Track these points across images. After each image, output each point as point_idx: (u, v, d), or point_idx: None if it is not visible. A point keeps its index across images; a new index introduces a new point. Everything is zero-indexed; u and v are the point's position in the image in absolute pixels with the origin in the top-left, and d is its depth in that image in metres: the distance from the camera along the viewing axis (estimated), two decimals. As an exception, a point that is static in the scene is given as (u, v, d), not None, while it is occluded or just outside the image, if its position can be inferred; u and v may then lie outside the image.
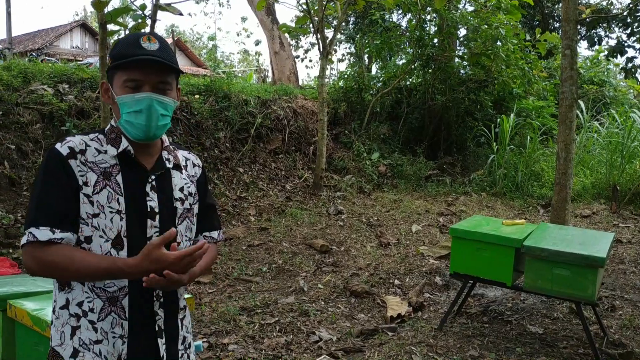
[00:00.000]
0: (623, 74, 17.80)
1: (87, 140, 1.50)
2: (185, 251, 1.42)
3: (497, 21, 10.33)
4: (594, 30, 18.40)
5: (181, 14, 5.66)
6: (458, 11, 11.52)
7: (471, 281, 4.09)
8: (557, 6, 21.42)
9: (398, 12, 16.25)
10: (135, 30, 5.35)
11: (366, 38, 13.57)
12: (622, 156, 9.04)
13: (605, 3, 14.03)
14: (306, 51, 21.57)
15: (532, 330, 4.02)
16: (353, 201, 8.60)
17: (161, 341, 1.54)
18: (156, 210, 1.52)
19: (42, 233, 1.39)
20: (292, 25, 10.69)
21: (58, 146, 1.46)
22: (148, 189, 1.52)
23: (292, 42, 19.41)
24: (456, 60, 11.91)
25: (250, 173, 8.59)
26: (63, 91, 6.95)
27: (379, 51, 12.40)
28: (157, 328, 1.53)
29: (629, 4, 12.07)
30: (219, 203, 7.27)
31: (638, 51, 15.63)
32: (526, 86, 11.57)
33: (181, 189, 1.62)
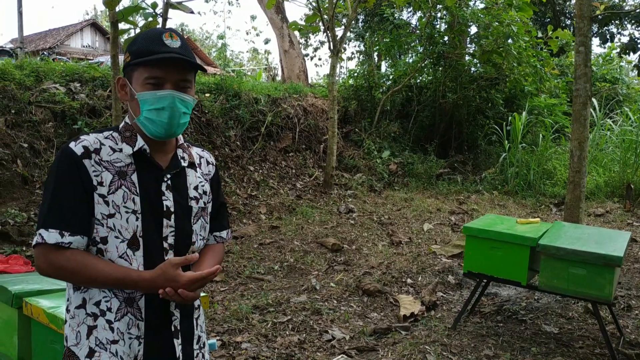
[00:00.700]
0: (636, 71, 17.64)
1: (102, 138, 1.47)
2: (200, 274, 1.44)
3: (509, 18, 10.25)
4: (606, 27, 18.23)
5: (192, 12, 5.66)
6: (469, 8, 11.44)
7: (485, 280, 4.06)
8: (569, 3, 21.26)
9: (408, 10, 16.19)
10: (146, 29, 5.35)
11: (376, 36, 13.52)
12: (636, 154, 8.94)
13: (617, 0, 13.89)
14: (315, 49, 21.58)
15: (547, 329, 3.98)
16: (364, 200, 8.57)
17: (177, 342, 1.52)
18: (172, 209, 1.51)
19: (51, 236, 1.37)
20: (302, 23, 10.67)
21: (72, 145, 1.43)
22: (163, 188, 1.50)
23: (301, 41, 19.39)
24: (467, 58, 11.83)
25: (260, 171, 8.59)
26: (75, 90, 6.98)
27: (389, 49, 12.34)
28: (174, 329, 1.52)
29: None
30: (230, 201, 7.27)
31: (651, 48, 15.44)
32: (538, 84, 11.48)
33: (196, 188, 1.60)
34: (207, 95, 8.55)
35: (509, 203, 8.70)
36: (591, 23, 5.51)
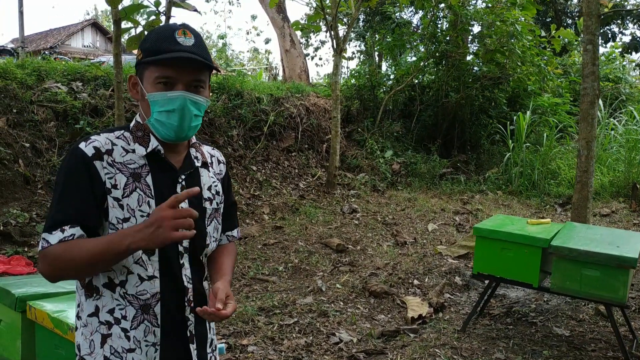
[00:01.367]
0: (638, 71, 17.58)
1: (113, 138, 1.41)
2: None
3: (512, 17, 10.18)
4: (608, 27, 18.18)
5: (196, 10, 5.59)
6: (471, 6, 11.37)
7: (495, 282, 4.00)
8: (570, 2, 21.20)
9: (408, 10, 16.14)
10: (149, 27, 5.28)
11: (377, 35, 13.45)
12: (642, 154, 8.88)
13: (619, -1, 13.84)
14: (316, 49, 21.51)
15: (559, 332, 3.92)
16: (367, 199, 8.51)
17: (192, 347, 1.48)
18: None
19: (54, 237, 1.31)
20: (304, 22, 10.59)
21: (82, 146, 1.36)
22: (178, 190, 1.44)
23: (302, 40, 19.31)
24: (470, 57, 11.76)
25: (263, 171, 8.52)
26: (77, 89, 6.92)
27: (392, 49, 12.27)
28: (189, 333, 1.47)
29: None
30: (233, 201, 7.20)
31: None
32: (541, 83, 11.41)
33: (209, 188, 1.55)
34: (209, 94, 8.49)
35: (514, 203, 8.63)
36: (599, 21, 5.45)
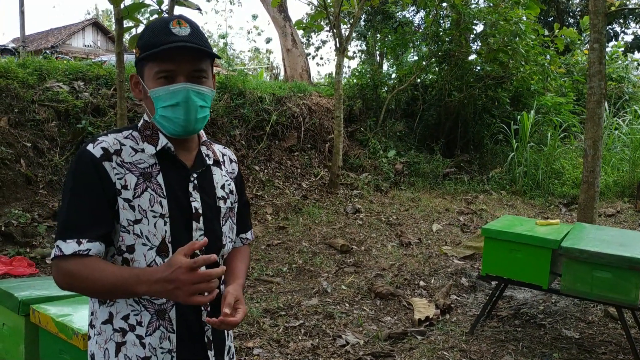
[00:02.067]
0: (641, 70, 17.51)
1: (121, 138, 1.36)
2: (204, 258, 1.20)
3: (516, 16, 10.12)
4: (610, 26, 18.11)
5: (199, 9, 5.55)
6: (473, 5, 11.31)
7: (503, 283, 3.94)
8: (572, 1, 21.13)
9: (409, 9, 16.09)
10: (151, 25, 5.23)
11: (379, 35, 13.39)
12: (646, 153, 8.83)
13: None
14: (317, 49, 21.48)
15: (568, 334, 3.87)
16: (370, 199, 8.45)
17: (211, 353, 1.42)
18: (200, 211, 1.40)
19: (69, 246, 1.25)
20: (306, 21, 10.54)
21: (90, 147, 1.31)
22: (191, 189, 1.40)
23: (303, 40, 19.26)
24: (473, 56, 11.70)
25: (266, 171, 8.47)
26: (78, 88, 6.87)
27: (394, 48, 12.21)
28: (207, 340, 1.41)
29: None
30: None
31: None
32: (545, 82, 11.35)
33: (222, 187, 1.50)
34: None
35: (518, 203, 8.58)
36: (606, 20, 5.40)
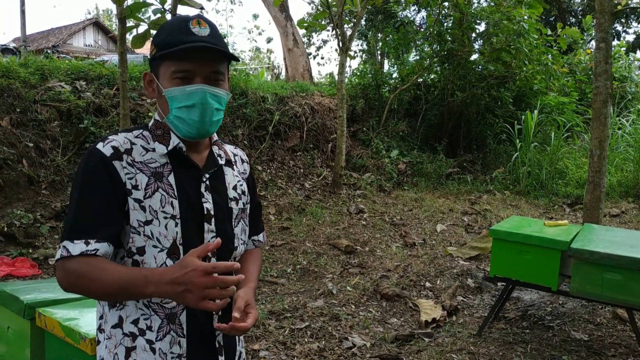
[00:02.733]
0: (642, 69, 17.46)
1: (132, 138, 1.33)
2: (222, 264, 1.15)
3: (519, 15, 10.08)
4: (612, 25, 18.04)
5: (202, 8, 5.52)
6: (475, 4, 11.27)
7: (511, 285, 3.90)
8: (574, 1, 21.08)
9: (411, 9, 16.03)
10: (154, 26, 5.19)
11: (381, 34, 13.35)
12: (651, 153, 8.78)
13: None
14: (318, 48, 21.43)
15: (577, 336, 3.83)
16: (373, 200, 8.42)
17: (221, 358, 1.38)
18: (212, 212, 1.36)
19: (76, 247, 1.21)
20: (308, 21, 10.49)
21: (100, 146, 1.27)
22: (203, 189, 1.36)
23: (304, 39, 19.21)
24: (475, 56, 11.65)
25: (268, 171, 8.44)
26: (80, 88, 6.83)
27: (396, 47, 12.17)
28: (218, 345, 1.38)
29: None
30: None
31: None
32: (548, 82, 11.30)
33: (235, 188, 1.47)
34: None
35: (522, 203, 8.54)
36: (612, 19, 5.35)
